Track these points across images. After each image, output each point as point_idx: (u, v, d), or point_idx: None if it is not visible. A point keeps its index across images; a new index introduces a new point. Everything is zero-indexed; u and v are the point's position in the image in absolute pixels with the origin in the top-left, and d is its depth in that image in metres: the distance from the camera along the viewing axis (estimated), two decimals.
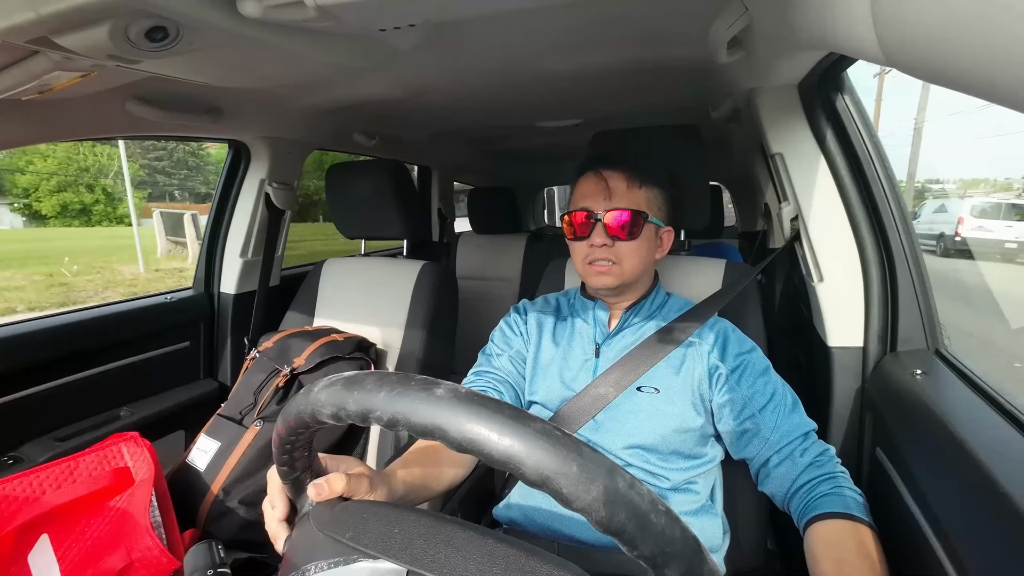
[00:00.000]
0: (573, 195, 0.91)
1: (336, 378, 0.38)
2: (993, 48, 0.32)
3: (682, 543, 0.31)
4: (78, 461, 1.00)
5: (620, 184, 0.86)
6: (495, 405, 0.33)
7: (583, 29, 0.92)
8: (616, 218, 0.84)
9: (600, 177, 0.86)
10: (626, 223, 0.84)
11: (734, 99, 1.23)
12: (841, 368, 0.94)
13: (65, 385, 1.23)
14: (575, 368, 0.89)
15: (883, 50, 0.46)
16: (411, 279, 1.38)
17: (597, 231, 0.85)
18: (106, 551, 0.92)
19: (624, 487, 0.31)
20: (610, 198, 0.85)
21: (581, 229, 0.87)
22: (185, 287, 1.65)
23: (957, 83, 0.39)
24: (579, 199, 0.88)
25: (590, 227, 0.86)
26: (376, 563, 0.39)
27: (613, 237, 0.85)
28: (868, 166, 0.92)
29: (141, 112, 1.07)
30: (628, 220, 0.84)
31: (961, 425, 0.60)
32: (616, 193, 0.85)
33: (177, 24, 0.65)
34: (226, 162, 1.60)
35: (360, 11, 0.70)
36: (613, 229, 0.84)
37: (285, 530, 0.51)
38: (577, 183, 0.90)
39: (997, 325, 2.63)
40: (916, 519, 0.63)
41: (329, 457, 0.53)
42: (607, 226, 0.84)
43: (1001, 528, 0.49)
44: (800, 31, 0.65)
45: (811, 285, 1.00)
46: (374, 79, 1.16)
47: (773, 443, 0.77)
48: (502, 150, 2.63)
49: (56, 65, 0.72)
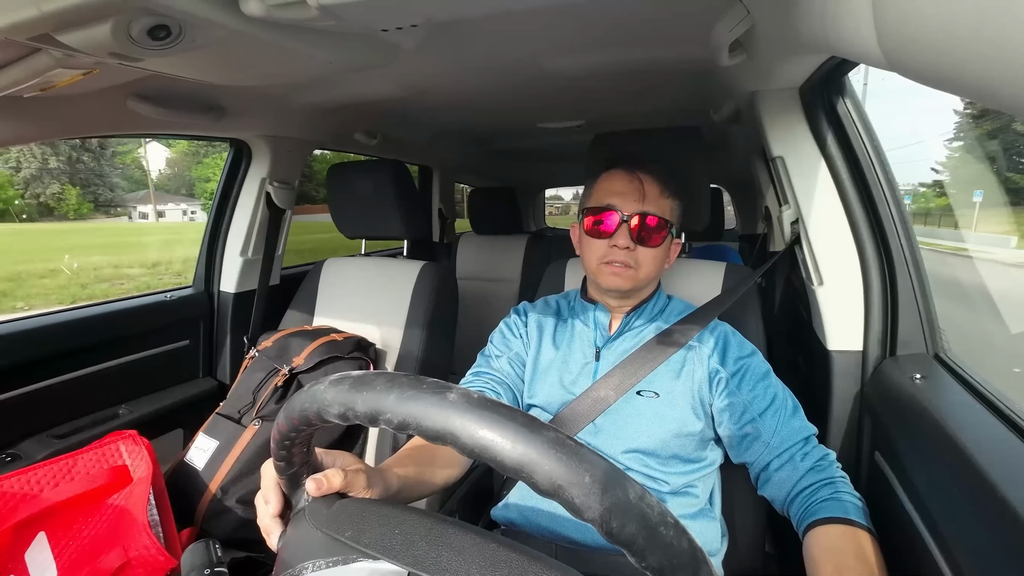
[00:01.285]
0: (596, 189, 0.88)
1: (343, 377, 0.37)
2: (994, 53, 0.32)
3: (689, 555, 0.31)
4: (76, 459, 1.00)
5: (654, 189, 0.84)
6: (508, 412, 0.32)
7: (585, 31, 0.92)
8: (646, 222, 0.83)
9: (635, 177, 0.85)
10: (654, 229, 0.83)
11: (735, 102, 1.23)
12: (840, 372, 0.94)
13: (64, 382, 1.23)
14: (575, 371, 0.88)
15: (884, 54, 0.46)
16: (411, 279, 1.38)
17: (621, 231, 0.83)
18: (103, 549, 0.92)
19: (635, 499, 0.31)
20: (643, 200, 0.83)
21: (605, 227, 0.85)
22: (185, 285, 1.65)
23: (959, 88, 0.39)
24: (606, 195, 0.86)
25: (615, 226, 0.84)
26: (376, 564, 0.38)
27: (637, 241, 0.83)
28: (869, 170, 0.92)
29: (143, 110, 1.07)
30: (656, 226, 0.83)
31: (960, 430, 0.60)
32: (649, 197, 0.84)
33: (180, 22, 0.65)
34: (227, 161, 1.60)
35: (362, 11, 0.70)
36: (639, 233, 0.83)
37: (278, 525, 0.50)
38: (604, 177, 0.88)
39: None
40: (915, 523, 0.63)
41: (326, 452, 0.53)
42: (633, 229, 0.83)
43: (999, 532, 0.49)
44: (802, 34, 0.65)
45: (811, 288, 1.00)
46: (376, 78, 1.16)
47: (774, 447, 0.77)
48: (503, 150, 2.63)
49: (58, 62, 0.72)
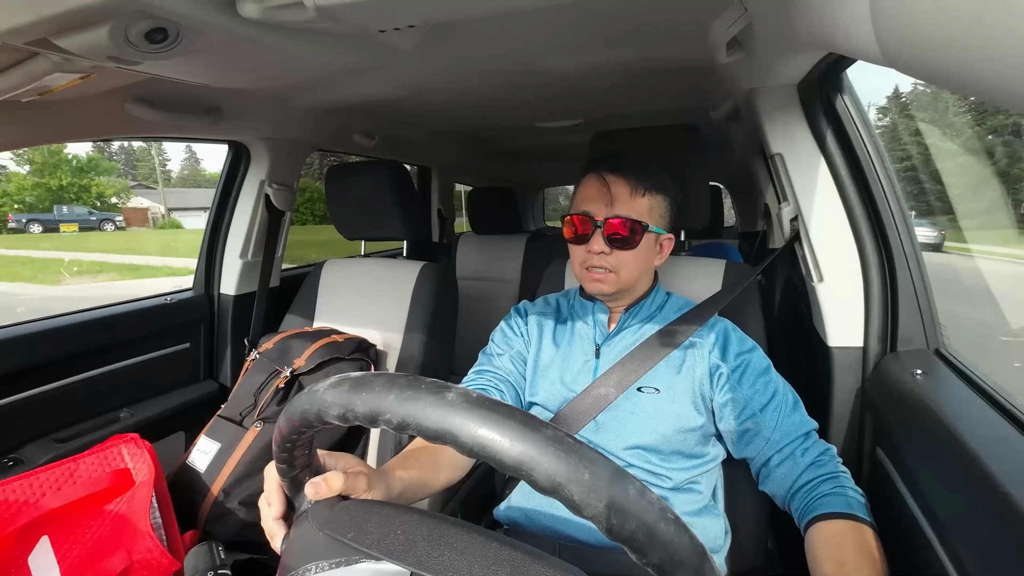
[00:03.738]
0: (576, 195, 0.90)
1: (343, 378, 0.38)
2: (992, 48, 0.32)
3: (690, 551, 0.31)
4: (78, 463, 1.00)
5: (623, 191, 0.84)
6: (507, 410, 0.32)
7: (582, 29, 0.92)
8: (615, 227, 0.83)
9: (603, 182, 0.85)
10: (625, 234, 0.83)
11: (734, 99, 1.23)
12: (841, 368, 0.94)
13: (65, 386, 1.23)
14: (575, 369, 0.88)
15: (882, 50, 0.46)
16: (411, 280, 1.38)
17: (596, 237, 0.84)
18: (106, 553, 0.92)
19: (635, 495, 0.31)
20: (611, 205, 0.83)
21: (580, 233, 0.86)
22: (185, 288, 1.65)
23: (956, 83, 0.39)
24: (581, 202, 0.87)
25: (590, 232, 0.84)
26: (379, 564, 0.39)
27: (612, 245, 0.84)
28: (868, 166, 0.92)
29: (141, 113, 1.07)
30: (627, 230, 0.83)
31: (961, 425, 0.60)
32: (618, 200, 0.83)
33: (177, 25, 0.65)
34: (226, 163, 1.60)
35: (360, 12, 0.70)
36: (612, 238, 0.83)
37: (282, 528, 0.50)
38: (581, 184, 0.89)
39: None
40: (917, 518, 0.63)
41: (328, 454, 0.53)
42: (606, 234, 0.83)
43: (1001, 527, 0.49)
44: (799, 32, 0.65)
45: (811, 285, 1.00)
46: (374, 79, 1.16)
47: (774, 443, 0.77)
48: (501, 150, 2.63)
49: (55, 67, 0.72)
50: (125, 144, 24.26)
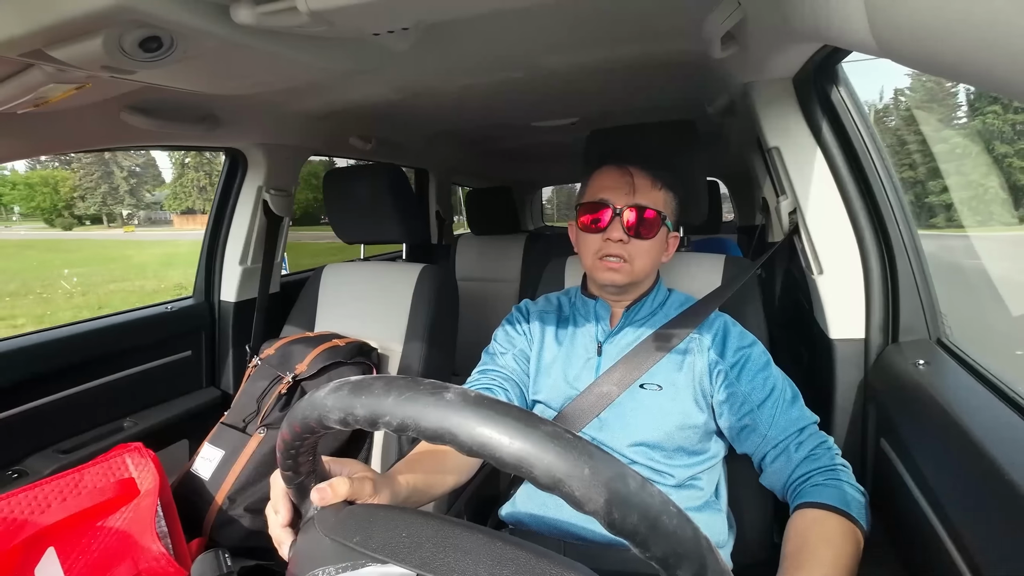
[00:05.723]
0: (590, 185, 0.89)
1: (343, 383, 0.38)
2: (986, 36, 0.32)
3: (693, 543, 0.31)
4: (83, 473, 1.00)
5: (645, 181, 0.85)
6: (505, 408, 0.32)
7: (576, 27, 0.92)
8: (638, 215, 0.83)
9: (625, 171, 0.85)
10: (647, 221, 0.83)
11: (729, 94, 1.23)
12: (843, 360, 0.94)
13: (68, 397, 1.23)
14: (578, 367, 0.88)
15: (877, 41, 0.46)
16: (411, 282, 1.38)
17: (615, 225, 0.84)
18: (113, 562, 0.92)
19: (635, 489, 0.31)
20: (633, 193, 0.84)
21: (598, 221, 0.85)
22: (185, 296, 1.65)
23: (951, 72, 0.39)
24: (598, 190, 0.86)
25: (608, 220, 0.84)
26: (385, 567, 0.39)
27: (630, 234, 0.83)
28: (865, 157, 0.92)
29: (137, 122, 1.07)
30: (649, 218, 0.83)
31: (965, 414, 0.60)
32: (640, 189, 0.84)
33: (171, 33, 0.65)
34: (223, 170, 1.60)
35: (353, 15, 0.70)
36: (632, 225, 0.83)
37: (289, 535, 0.50)
38: (597, 173, 0.88)
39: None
40: (922, 508, 0.63)
41: (333, 460, 0.53)
42: (626, 221, 0.83)
43: (1007, 515, 0.49)
44: (793, 24, 0.65)
45: (811, 278, 1.00)
46: (369, 82, 1.16)
47: (770, 439, 0.77)
48: (498, 150, 2.63)
49: (50, 77, 0.72)
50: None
